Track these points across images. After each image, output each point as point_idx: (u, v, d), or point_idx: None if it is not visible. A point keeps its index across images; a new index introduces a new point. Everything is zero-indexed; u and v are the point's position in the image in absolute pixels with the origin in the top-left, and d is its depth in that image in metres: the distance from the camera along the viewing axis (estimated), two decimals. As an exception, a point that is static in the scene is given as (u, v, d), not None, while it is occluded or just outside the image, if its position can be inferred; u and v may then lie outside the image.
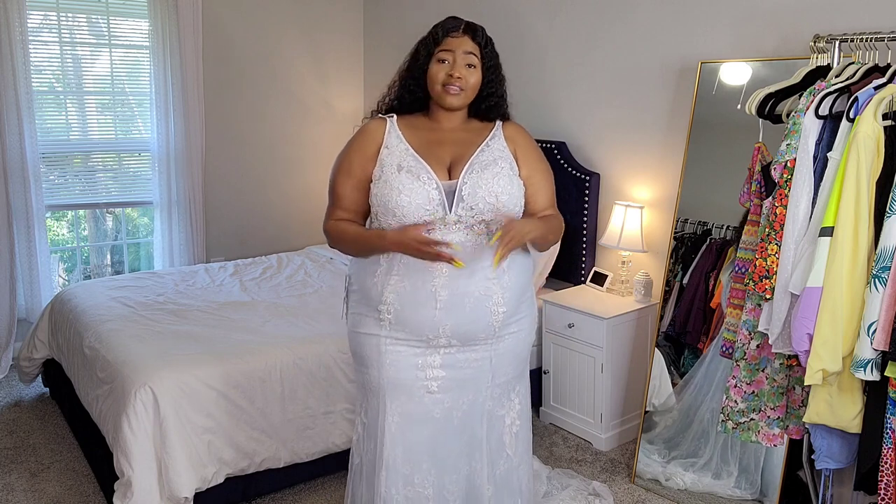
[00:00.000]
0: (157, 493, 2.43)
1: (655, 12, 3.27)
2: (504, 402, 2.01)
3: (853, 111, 2.05)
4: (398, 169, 1.85)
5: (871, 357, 1.94)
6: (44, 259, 4.07)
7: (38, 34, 4.01)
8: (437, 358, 1.90)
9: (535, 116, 3.90)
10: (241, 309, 3.28)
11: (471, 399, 1.95)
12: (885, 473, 2.02)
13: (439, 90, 1.90)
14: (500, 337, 1.93)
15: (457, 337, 1.88)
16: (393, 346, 1.90)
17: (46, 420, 3.43)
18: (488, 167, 1.88)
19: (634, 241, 3.27)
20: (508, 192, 1.87)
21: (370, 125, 1.97)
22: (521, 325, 1.99)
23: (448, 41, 1.89)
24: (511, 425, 2.03)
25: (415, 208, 1.81)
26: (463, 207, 1.84)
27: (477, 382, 1.94)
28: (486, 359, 1.93)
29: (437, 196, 1.83)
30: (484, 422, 1.97)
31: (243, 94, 4.65)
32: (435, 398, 1.92)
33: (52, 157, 4.12)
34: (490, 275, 1.86)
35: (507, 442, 2.02)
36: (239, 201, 4.72)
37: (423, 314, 1.85)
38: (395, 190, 1.82)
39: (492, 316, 1.88)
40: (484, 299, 1.86)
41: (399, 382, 1.91)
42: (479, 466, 1.98)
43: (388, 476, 1.92)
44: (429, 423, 1.93)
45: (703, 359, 2.87)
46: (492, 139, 1.96)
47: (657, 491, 2.88)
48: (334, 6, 4.94)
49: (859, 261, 2.00)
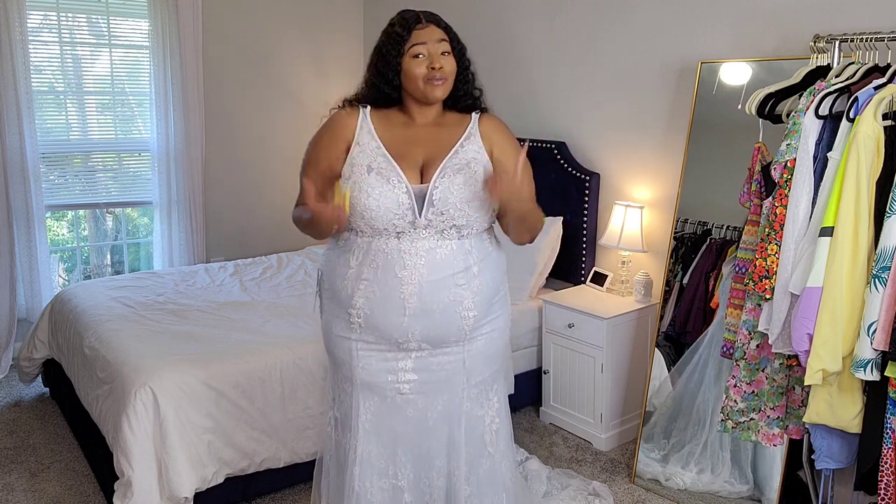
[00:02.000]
0: (157, 493, 2.43)
1: (655, 12, 3.27)
2: (483, 402, 1.97)
3: (853, 111, 2.05)
4: (368, 170, 1.79)
5: (871, 357, 1.94)
6: (44, 259, 4.07)
7: (38, 34, 4.01)
8: (409, 362, 1.88)
9: (535, 116, 3.91)
10: (241, 309, 3.28)
11: (446, 401, 1.92)
12: (885, 473, 2.02)
13: (423, 86, 1.82)
14: (472, 339, 1.90)
15: (427, 341, 1.86)
16: (364, 351, 1.89)
17: (46, 420, 3.43)
18: (461, 171, 1.81)
19: (634, 241, 3.27)
20: (480, 198, 1.81)
21: (342, 116, 1.89)
22: (495, 325, 1.95)
23: (417, 34, 1.81)
24: (491, 423, 1.99)
25: (384, 212, 1.78)
26: (433, 212, 1.79)
27: (452, 385, 1.91)
28: (458, 361, 1.90)
29: (407, 201, 1.78)
30: (462, 423, 1.93)
31: (243, 94, 4.65)
32: (407, 399, 1.91)
33: (52, 157, 4.12)
34: (459, 281, 1.83)
35: (489, 440, 1.99)
36: (239, 201, 4.72)
37: (392, 320, 1.83)
38: (363, 192, 1.78)
39: (462, 321, 1.85)
40: (454, 305, 1.83)
41: (371, 384, 1.90)
42: (457, 466, 1.94)
43: (362, 471, 1.92)
44: (402, 421, 1.92)
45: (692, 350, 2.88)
46: (467, 139, 1.88)
47: (657, 491, 2.88)
48: (334, 6, 4.95)
49: (859, 261, 2.00)
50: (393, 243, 1.81)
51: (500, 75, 4.06)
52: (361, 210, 1.79)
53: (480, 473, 1.98)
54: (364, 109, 1.89)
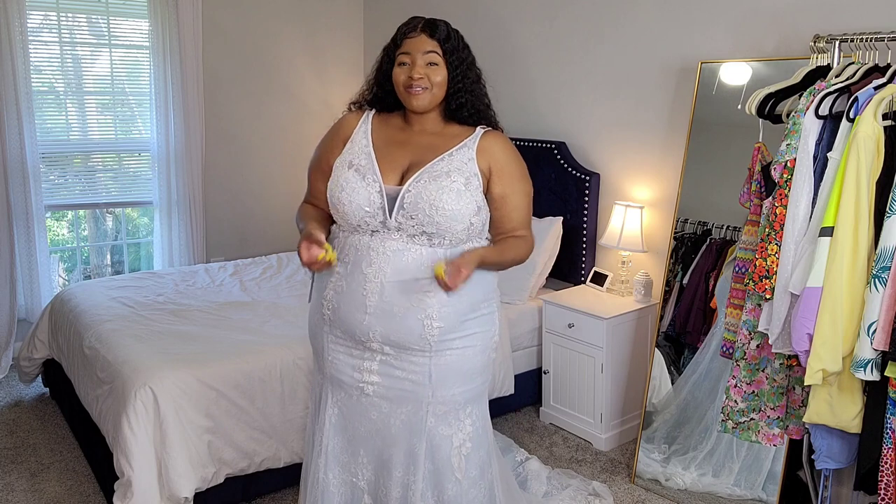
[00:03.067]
0: (157, 493, 2.42)
1: (655, 12, 3.27)
2: (451, 422, 1.90)
3: (853, 111, 2.05)
4: (349, 166, 1.85)
5: (871, 357, 1.94)
6: (44, 259, 4.07)
7: (38, 34, 4.01)
8: (374, 364, 1.89)
9: (535, 116, 3.91)
10: (241, 309, 3.28)
11: (409, 412, 1.89)
12: (885, 473, 2.02)
13: (403, 93, 1.85)
14: (440, 351, 1.86)
15: (388, 344, 1.85)
16: (334, 344, 1.93)
17: (46, 420, 3.43)
18: (438, 178, 1.79)
19: (634, 241, 3.27)
20: (453, 209, 1.77)
21: (348, 117, 1.97)
22: (470, 342, 1.89)
23: (406, 43, 1.85)
24: (460, 447, 1.92)
25: (355, 208, 1.81)
26: (403, 215, 1.78)
27: (416, 396, 1.88)
28: (423, 372, 1.86)
29: (379, 200, 1.80)
30: (423, 439, 1.89)
31: (243, 95, 4.64)
32: (371, 401, 1.91)
33: (52, 157, 4.12)
34: (426, 288, 1.80)
35: (456, 465, 1.91)
36: (239, 201, 4.72)
37: (355, 317, 1.85)
38: (338, 186, 1.83)
39: (425, 329, 1.82)
40: (415, 311, 1.81)
41: (338, 380, 1.94)
42: (414, 481, 1.90)
43: (327, 462, 1.96)
44: (365, 422, 1.93)
45: (698, 354, 2.87)
46: (459, 149, 1.85)
47: (657, 491, 2.88)
48: (334, 6, 4.94)
49: (859, 261, 2.00)
50: (365, 240, 1.84)
51: (500, 75, 4.06)
52: (335, 203, 1.84)
53: (445, 499, 1.93)
54: (369, 111, 1.95)
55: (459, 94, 1.87)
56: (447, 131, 1.91)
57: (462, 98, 1.88)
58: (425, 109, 1.87)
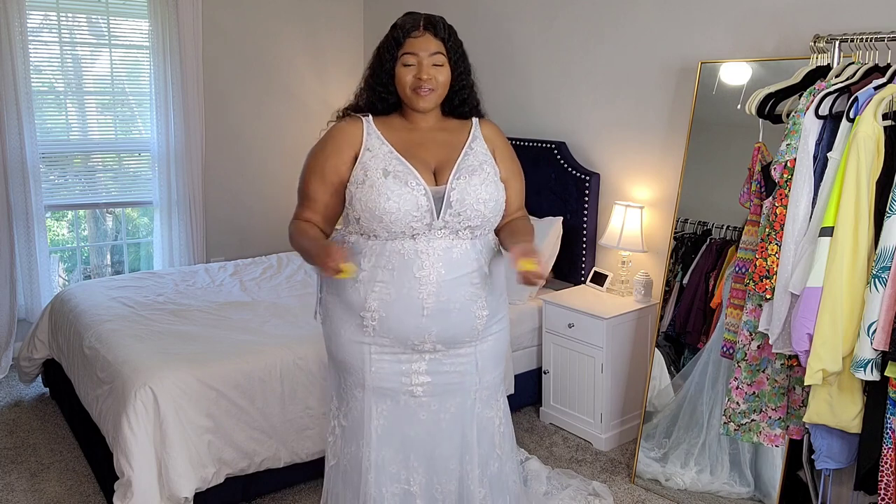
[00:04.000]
0: (157, 493, 2.42)
1: (655, 12, 3.27)
2: (492, 404, 2.00)
3: (853, 111, 2.05)
4: (384, 174, 1.79)
5: (871, 357, 1.94)
6: (44, 259, 4.07)
7: (38, 34, 4.01)
8: (423, 364, 1.89)
9: (534, 116, 3.91)
10: (241, 309, 3.28)
11: (458, 403, 1.94)
12: (885, 473, 2.02)
13: (409, 94, 1.85)
14: (483, 339, 1.93)
15: (442, 342, 1.87)
16: (378, 354, 1.88)
17: (46, 420, 3.43)
18: (475, 172, 1.85)
19: (634, 241, 3.27)
20: (495, 199, 1.85)
21: (345, 125, 1.89)
22: (502, 325, 2.00)
23: (410, 42, 1.83)
24: (500, 425, 2.02)
25: (403, 214, 1.77)
26: (451, 213, 1.80)
27: (463, 387, 1.93)
28: (470, 362, 1.92)
29: (426, 202, 1.79)
30: (474, 426, 1.96)
31: (243, 94, 4.64)
32: (420, 402, 1.91)
33: (52, 157, 4.12)
34: (475, 280, 1.86)
35: (497, 442, 2.02)
36: (239, 201, 4.72)
37: (409, 322, 1.83)
38: (382, 196, 1.77)
39: (476, 320, 1.88)
40: (469, 304, 1.86)
41: (383, 388, 1.89)
42: (471, 468, 1.96)
43: (378, 477, 1.91)
44: (415, 424, 1.92)
45: (698, 354, 2.87)
46: (473, 141, 1.92)
47: (657, 491, 2.88)
48: (334, 6, 4.94)
49: (859, 261, 2.00)
50: (409, 244, 1.81)
51: (500, 75, 4.06)
52: (381, 214, 1.77)
53: (490, 475, 2.00)
54: (366, 118, 1.90)
55: (463, 90, 1.92)
56: (448, 125, 1.95)
57: (465, 94, 1.93)
58: (431, 110, 1.90)
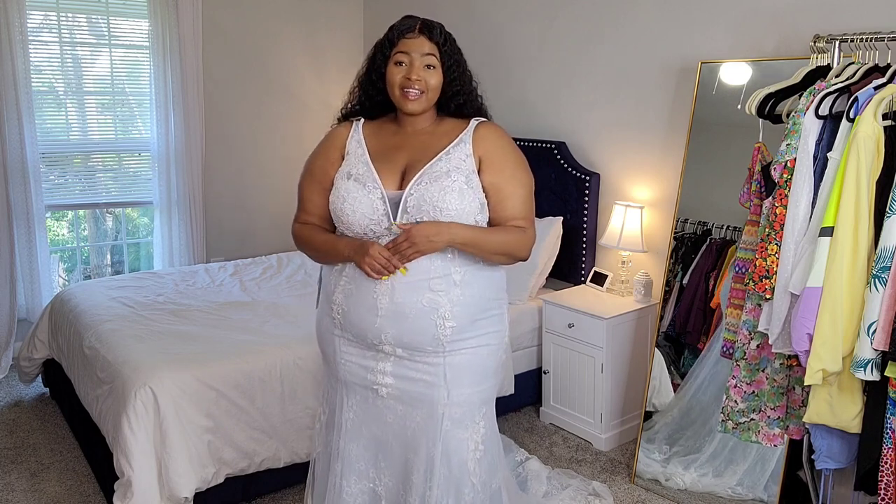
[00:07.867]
0: (157, 493, 2.42)
1: (655, 12, 3.27)
2: (468, 425, 1.88)
3: (853, 111, 2.05)
4: (347, 176, 1.85)
5: (871, 357, 1.94)
6: (44, 259, 4.07)
7: (38, 34, 4.01)
8: (388, 365, 1.88)
9: (534, 116, 3.91)
10: (241, 309, 3.28)
11: (425, 414, 1.87)
12: (885, 473, 2.02)
13: (398, 94, 1.83)
14: (454, 351, 1.85)
15: (401, 346, 1.84)
16: (346, 347, 1.93)
17: (46, 420, 3.43)
18: (439, 179, 1.78)
19: (634, 241, 3.27)
20: (456, 208, 1.77)
21: (336, 129, 1.96)
22: (484, 342, 1.89)
23: (404, 42, 1.83)
24: (475, 451, 1.90)
25: (359, 217, 1.80)
26: (406, 219, 1.78)
27: (431, 398, 1.86)
28: (438, 373, 1.85)
29: (382, 206, 1.79)
30: (439, 444, 1.86)
31: (243, 94, 4.64)
32: (386, 403, 1.90)
33: (52, 157, 4.12)
34: (437, 287, 1.80)
35: (472, 469, 1.89)
36: (239, 201, 4.72)
37: (366, 320, 1.84)
38: (340, 197, 1.83)
39: (437, 329, 1.81)
40: (428, 311, 1.80)
41: (352, 382, 1.94)
42: (430, 487, 1.86)
43: (343, 468, 1.94)
44: (382, 425, 1.92)
45: (703, 357, 2.87)
46: (456, 146, 1.85)
47: (657, 491, 2.88)
48: (334, 6, 4.94)
49: (859, 261, 2.00)
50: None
51: (500, 75, 4.06)
52: (339, 215, 1.83)
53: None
54: (357, 121, 1.94)
55: (458, 96, 1.89)
56: (440, 128, 1.91)
57: (461, 99, 1.90)
58: (419, 114, 1.87)
